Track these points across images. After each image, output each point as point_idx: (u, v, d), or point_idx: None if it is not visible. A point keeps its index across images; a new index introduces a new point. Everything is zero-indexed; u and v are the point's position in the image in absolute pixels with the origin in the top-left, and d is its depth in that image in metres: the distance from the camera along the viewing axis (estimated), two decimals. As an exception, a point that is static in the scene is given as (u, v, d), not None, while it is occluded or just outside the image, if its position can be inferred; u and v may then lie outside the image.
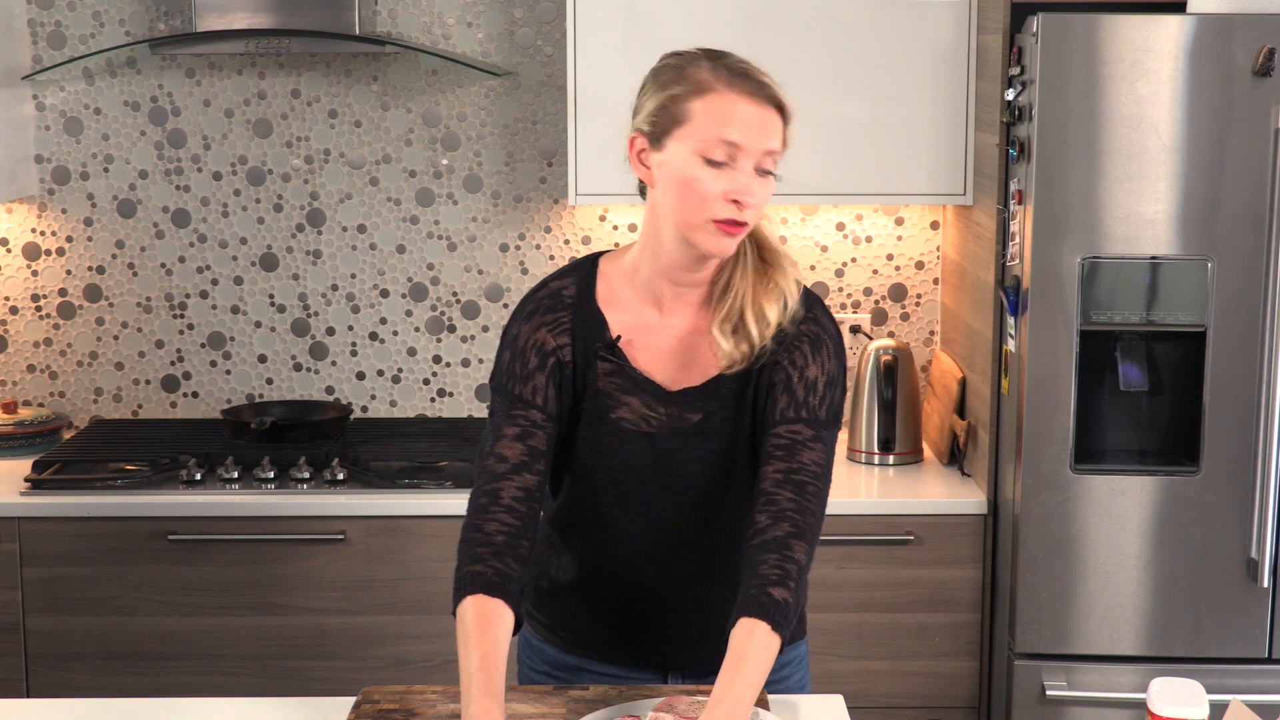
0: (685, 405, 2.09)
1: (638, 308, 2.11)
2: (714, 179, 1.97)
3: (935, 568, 3.26)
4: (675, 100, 1.99)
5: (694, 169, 1.97)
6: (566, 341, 2.09)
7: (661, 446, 2.10)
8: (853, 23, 3.32)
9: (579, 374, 2.09)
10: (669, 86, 2.00)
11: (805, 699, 2.16)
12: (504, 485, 2.04)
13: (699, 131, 1.97)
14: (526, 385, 2.08)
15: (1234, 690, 2.96)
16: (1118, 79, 2.92)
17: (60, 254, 3.73)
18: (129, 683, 3.24)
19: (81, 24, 3.64)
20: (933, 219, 3.73)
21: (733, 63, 2.01)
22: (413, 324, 3.77)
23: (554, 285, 2.13)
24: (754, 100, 1.97)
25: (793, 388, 2.06)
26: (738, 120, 1.96)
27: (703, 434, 2.10)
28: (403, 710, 2.04)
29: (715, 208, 1.97)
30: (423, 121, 3.69)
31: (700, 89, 1.98)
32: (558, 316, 2.10)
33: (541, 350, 2.08)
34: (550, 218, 3.72)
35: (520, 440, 2.05)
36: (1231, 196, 2.95)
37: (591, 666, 2.23)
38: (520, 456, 2.04)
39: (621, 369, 2.09)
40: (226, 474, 3.31)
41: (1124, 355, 3.04)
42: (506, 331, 2.13)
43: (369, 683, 2.50)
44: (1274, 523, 3.00)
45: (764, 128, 1.97)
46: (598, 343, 2.09)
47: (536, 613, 2.28)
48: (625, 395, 2.09)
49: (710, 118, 1.97)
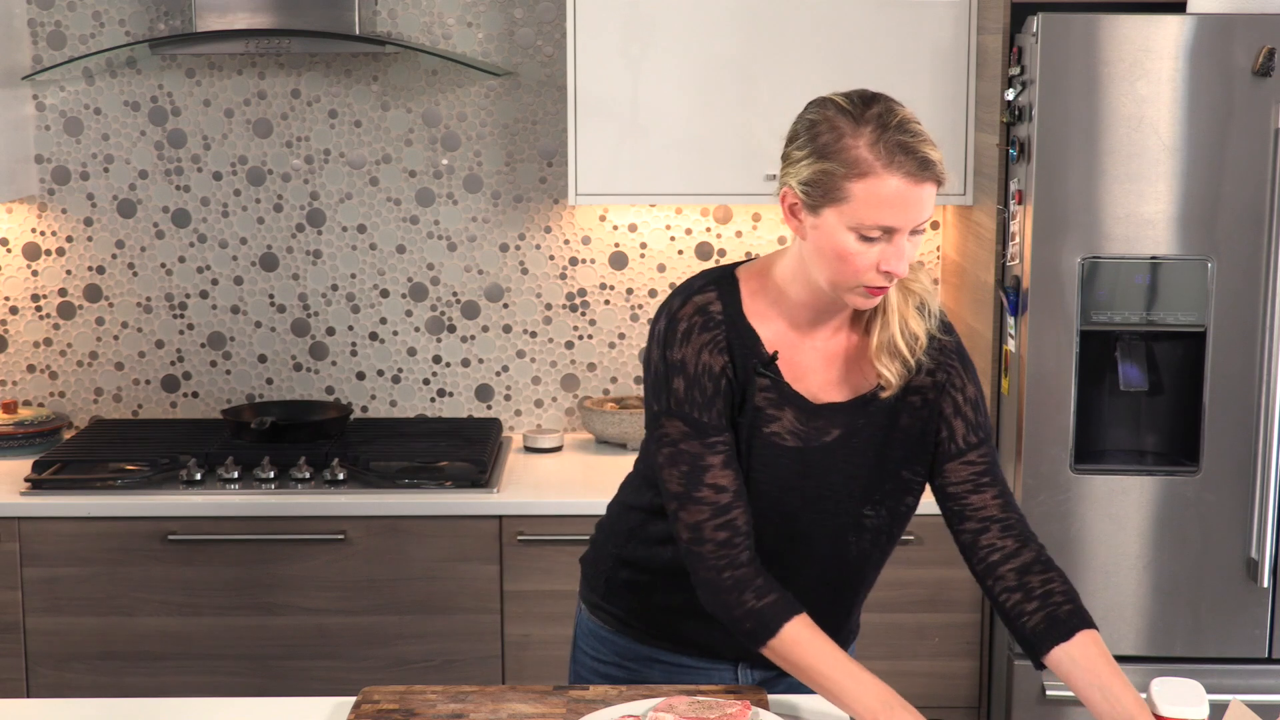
0: (832, 419, 2.09)
1: (784, 324, 2.10)
2: (867, 252, 1.96)
3: (935, 568, 3.26)
4: (832, 177, 1.95)
5: (849, 243, 1.96)
6: (727, 359, 2.07)
7: (808, 460, 2.09)
8: (853, 23, 3.32)
9: (737, 390, 2.08)
10: (827, 158, 1.95)
11: (805, 699, 2.16)
12: (736, 515, 2.04)
13: (857, 213, 1.94)
14: (711, 411, 2.06)
15: (1234, 690, 2.96)
16: (1118, 79, 2.92)
17: (60, 254, 3.73)
18: (129, 683, 3.24)
19: (81, 24, 3.64)
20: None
21: (894, 133, 1.95)
22: (413, 324, 3.77)
23: (699, 301, 2.09)
24: (914, 181, 1.94)
25: (963, 411, 2.11)
26: (896, 206, 1.93)
27: (848, 448, 2.10)
28: (403, 710, 2.04)
29: (868, 277, 1.97)
30: (423, 121, 3.69)
31: (859, 171, 1.93)
32: (714, 335, 2.07)
33: (712, 374, 2.06)
34: (550, 218, 3.72)
35: (728, 467, 2.05)
36: (1231, 196, 2.95)
37: (662, 656, 2.22)
38: (735, 483, 2.05)
39: (776, 384, 2.08)
40: (226, 474, 3.31)
41: (1124, 355, 3.04)
42: (666, 354, 2.08)
43: (369, 683, 2.50)
44: (1274, 523, 3.00)
45: (920, 205, 1.95)
46: (754, 359, 2.07)
47: (606, 604, 2.26)
48: (778, 410, 2.08)
49: (868, 204, 1.93)
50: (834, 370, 2.11)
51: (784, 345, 2.09)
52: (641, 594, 2.22)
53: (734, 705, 1.96)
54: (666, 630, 2.22)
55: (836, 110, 1.98)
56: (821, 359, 2.10)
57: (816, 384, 2.10)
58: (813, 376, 2.10)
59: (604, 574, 2.27)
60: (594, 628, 2.28)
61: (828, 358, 2.11)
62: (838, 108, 1.98)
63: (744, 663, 2.21)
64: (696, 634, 2.19)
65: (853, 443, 2.10)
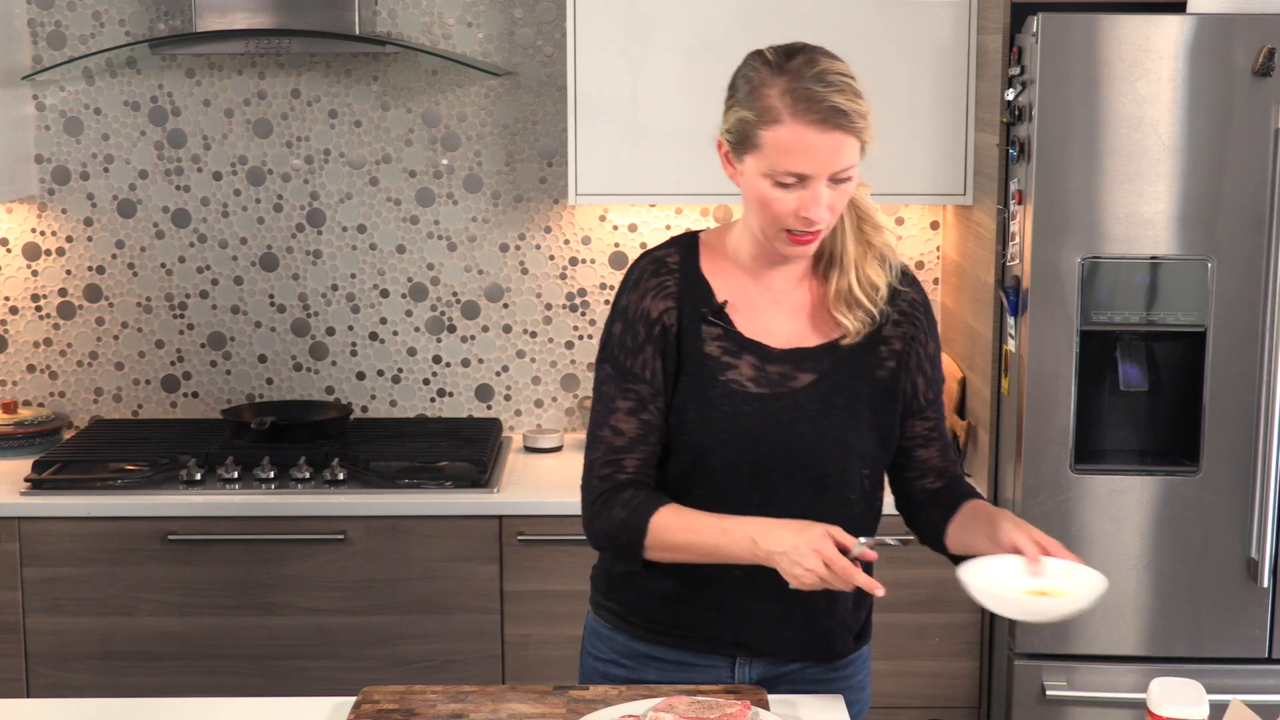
0: (797, 365, 2.13)
1: (742, 276, 2.16)
2: (784, 199, 2.02)
3: (935, 568, 3.25)
4: (746, 125, 2.02)
5: (767, 190, 2.02)
6: (671, 305, 2.13)
7: (773, 406, 2.12)
8: (853, 23, 3.32)
9: (684, 337, 2.12)
10: (745, 107, 2.02)
11: (805, 699, 2.17)
12: (625, 458, 2.12)
13: (769, 161, 2.00)
14: (637, 358, 2.13)
15: (1234, 690, 2.96)
16: (1118, 79, 2.92)
17: (60, 254, 3.73)
18: (129, 683, 3.24)
19: (81, 24, 3.64)
20: (933, 219, 3.73)
21: (807, 82, 1.98)
22: (413, 324, 3.77)
23: (658, 253, 2.19)
24: (818, 128, 1.98)
25: (924, 367, 2.19)
26: (803, 153, 1.98)
27: (818, 396, 2.13)
28: (403, 710, 2.04)
29: (787, 222, 2.04)
30: (423, 121, 3.69)
31: (767, 119, 1.99)
32: (662, 281, 2.15)
33: (647, 320, 2.13)
34: (550, 218, 3.72)
35: (634, 415, 2.12)
36: (1231, 196, 2.95)
37: (659, 653, 2.22)
38: (636, 431, 2.11)
39: (729, 333, 2.13)
40: (226, 474, 3.31)
41: (1124, 355, 3.04)
42: (616, 302, 2.18)
43: (369, 683, 2.50)
44: (1274, 523, 3.00)
45: (831, 154, 1.99)
46: (704, 308, 2.13)
47: (607, 601, 2.27)
48: (734, 358, 2.12)
49: (777, 151, 1.99)
50: (800, 322, 2.16)
51: (739, 296, 2.15)
52: (636, 584, 2.22)
53: (734, 705, 1.96)
54: (663, 620, 2.21)
55: (761, 61, 2.05)
56: (785, 311, 2.16)
57: (781, 335, 2.14)
58: (775, 327, 2.15)
59: (604, 570, 2.28)
60: (596, 626, 2.29)
61: (792, 310, 2.16)
62: (762, 58, 2.05)
63: (742, 658, 2.21)
64: (691, 619, 2.19)
65: (823, 391, 2.12)
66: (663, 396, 2.13)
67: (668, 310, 2.13)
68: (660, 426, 2.13)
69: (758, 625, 2.18)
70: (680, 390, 2.13)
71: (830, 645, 2.22)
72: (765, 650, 2.20)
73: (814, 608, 2.16)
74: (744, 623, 2.18)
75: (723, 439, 2.11)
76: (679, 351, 2.12)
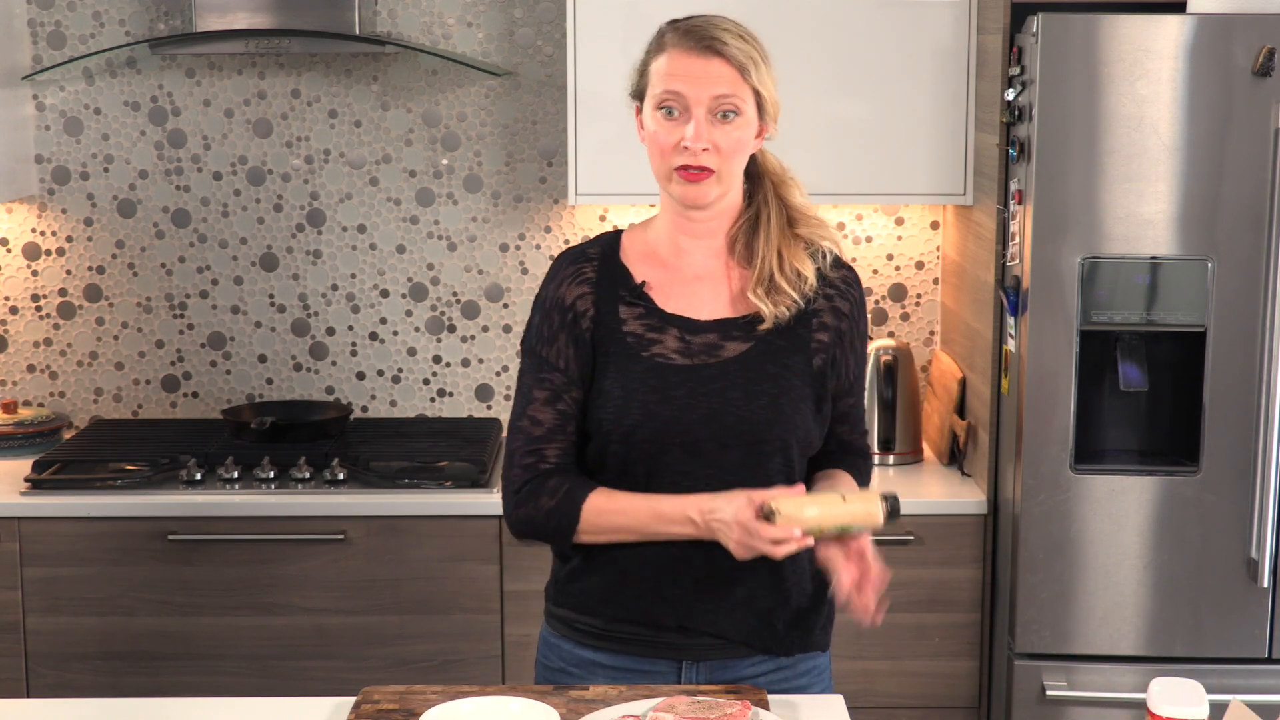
0: (723, 334, 2.16)
1: (661, 259, 2.21)
2: (669, 130, 2.12)
3: (935, 568, 3.27)
4: (643, 65, 2.18)
5: (654, 123, 2.13)
6: (587, 291, 2.17)
7: (701, 375, 2.14)
8: (853, 23, 3.32)
9: (602, 321, 2.16)
10: (644, 54, 2.18)
11: (805, 699, 2.17)
12: (545, 448, 2.16)
13: (654, 88, 2.13)
14: (551, 347, 2.18)
15: (1234, 690, 2.96)
16: (1118, 79, 2.92)
17: (60, 254, 3.73)
18: (129, 683, 3.24)
19: (81, 24, 3.64)
20: (933, 219, 3.73)
21: (695, 22, 2.14)
22: (413, 324, 3.77)
23: (579, 247, 2.26)
24: (695, 53, 2.10)
25: (856, 349, 2.24)
26: (678, 73, 2.10)
27: (746, 365, 2.14)
28: (403, 710, 2.04)
29: (673, 157, 2.12)
30: (423, 121, 3.69)
31: (656, 51, 2.15)
32: (579, 268, 2.20)
33: (561, 308, 2.18)
34: (550, 218, 3.72)
35: (550, 404, 2.16)
36: (1231, 196, 2.95)
37: (606, 660, 2.21)
38: (553, 421, 2.16)
39: (650, 310, 2.16)
40: (226, 474, 3.31)
41: (1124, 355, 3.04)
42: (536, 295, 2.24)
43: (369, 683, 2.49)
44: (1274, 523, 3.00)
45: (706, 76, 2.09)
46: (623, 291, 2.17)
47: (556, 608, 2.27)
48: (658, 334, 2.16)
49: (660, 76, 2.13)
50: (722, 298, 2.19)
51: (660, 277, 2.20)
52: (580, 586, 2.22)
53: (734, 705, 1.96)
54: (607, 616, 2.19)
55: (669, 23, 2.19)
56: (709, 287, 2.20)
57: (705, 309, 2.18)
58: (698, 302, 2.18)
59: (553, 578, 2.29)
60: (547, 634, 2.30)
61: (714, 287, 2.20)
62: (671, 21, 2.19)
63: (689, 662, 2.20)
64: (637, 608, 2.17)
65: (753, 358, 2.15)
66: (578, 385, 2.17)
67: (582, 296, 2.17)
68: (575, 415, 2.17)
69: (700, 605, 2.16)
70: (605, 372, 2.15)
71: (773, 627, 2.20)
72: (711, 630, 2.18)
73: (756, 587, 2.16)
74: (686, 605, 2.17)
75: (651, 413, 2.12)
76: (595, 336, 2.16)
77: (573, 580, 2.23)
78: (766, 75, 2.14)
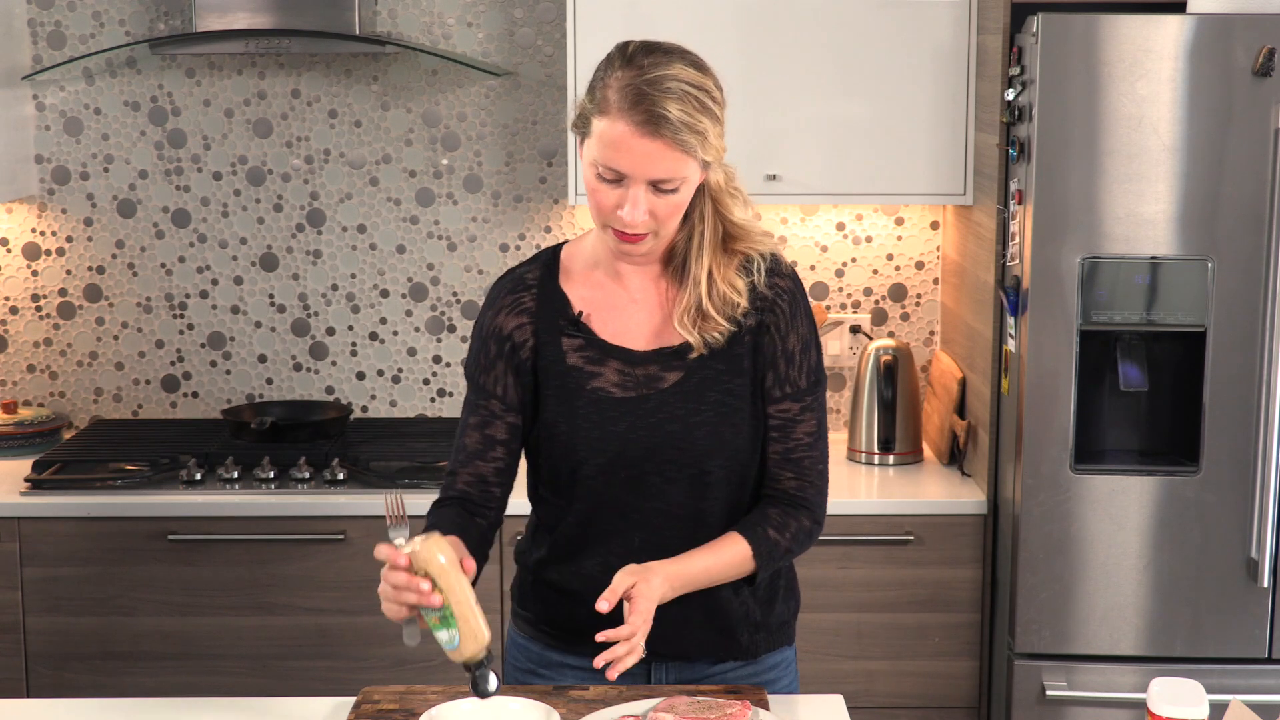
0: (663, 364, 2.12)
1: (600, 283, 2.16)
2: (606, 193, 2.01)
3: (935, 568, 3.27)
4: (586, 112, 2.02)
5: (592, 178, 2.02)
6: (525, 321, 2.14)
7: (643, 408, 2.11)
8: (853, 23, 3.32)
9: (542, 352, 2.13)
10: (589, 93, 2.03)
11: (805, 699, 2.17)
12: (459, 473, 2.17)
13: (594, 150, 2.00)
14: (489, 375, 2.16)
15: (1234, 690, 2.96)
16: (1118, 79, 2.92)
17: (60, 254, 3.73)
18: (129, 683, 3.24)
19: (81, 24, 3.64)
20: (933, 219, 3.73)
21: (643, 83, 1.96)
22: (413, 324, 3.77)
23: (518, 271, 2.20)
24: (637, 131, 1.95)
25: (776, 363, 2.13)
26: (623, 152, 1.96)
27: (685, 394, 2.11)
28: (403, 710, 2.04)
29: (609, 218, 2.03)
30: (423, 121, 3.69)
31: (600, 109, 1.98)
32: (518, 298, 2.16)
33: (499, 336, 2.15)
34: (550, 218, 3.72)
35: (479, 429, 2.16)
36: (1231, 196, 2.95)
37: (574, 661, 2.20)
38: (476, 445, 2.15)
39: (591, 341, 2.13)
40: (226, 474, 3.31)
41: (1124, 355, 3.04)
42: (475, 320, 2.21)
43: (369, 683, 2.50)
44: (1274, 523, 3.00)
45: (649, 160, 1.96)
46: (562, 320, 2.13)
47: (522, 610, 2.27)
48: (598, 366, 2.12)
49: (601, 143, 1.98)
50: (659, 319, 2.13)
51: (599, 299, 2.14)
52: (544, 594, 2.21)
53: (734, 705, 1.96)
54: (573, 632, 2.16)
55: (618, 50, 2.04)
56: (645, 310, 2.14)
57: (644, 336, 2.13)
58: (636, 328, 2.14)
59: (518, 580, 2.30)
60: (514, 635, 2.30)
61: (651, 309, 2.14)
62: (621, 48, 2.04)
63: (657, 663, 2.18)
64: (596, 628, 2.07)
65: (691, 386, 2.10)
66: (516, 412, 2.14)
67: (520, 327, 2.14)
68: (508, 441, 2.15)
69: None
70: (547, 405, 2.12)
71: (736, 639, 2.18)
72: (676, 653, 2.17)
73: (714, 605, 2.14)
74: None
75: (595, 447, 2.10)
76: (536, 367, 2.12)
77: (537, 590, 2.23)
78: (713, 138, 1.99)
